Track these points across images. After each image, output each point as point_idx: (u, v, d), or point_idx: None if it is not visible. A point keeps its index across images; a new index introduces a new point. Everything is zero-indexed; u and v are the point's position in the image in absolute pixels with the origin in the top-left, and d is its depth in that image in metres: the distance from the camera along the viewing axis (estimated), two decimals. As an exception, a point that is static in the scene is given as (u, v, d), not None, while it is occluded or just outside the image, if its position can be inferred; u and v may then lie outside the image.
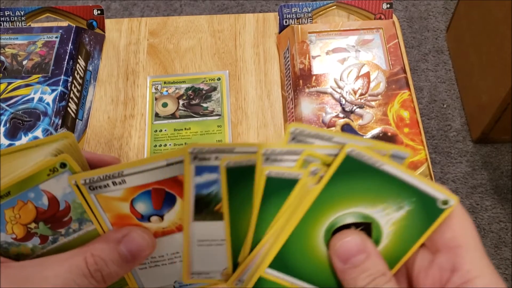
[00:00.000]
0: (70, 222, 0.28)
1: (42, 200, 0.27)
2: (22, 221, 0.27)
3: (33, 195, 0.26)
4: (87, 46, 0.59)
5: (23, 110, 0.52)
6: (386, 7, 0.59)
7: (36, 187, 0.26)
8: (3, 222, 0.27)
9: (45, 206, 0.27)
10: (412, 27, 1.54)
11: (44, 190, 0.26)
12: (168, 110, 0.57)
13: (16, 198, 0.26)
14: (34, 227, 0.27)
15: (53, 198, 0.27)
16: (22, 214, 0.27)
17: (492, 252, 1.20)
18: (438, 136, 1.36)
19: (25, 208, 0.27)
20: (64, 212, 0.27)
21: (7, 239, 0.27)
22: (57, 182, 0.26)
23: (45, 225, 0.27)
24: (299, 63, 0.55)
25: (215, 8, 1.58)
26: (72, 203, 0.27)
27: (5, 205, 0.26)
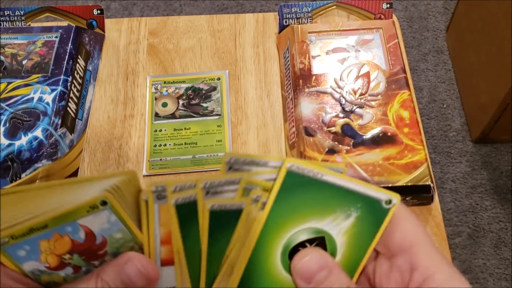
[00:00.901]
0: (105, 255, 0.28)
1: (79, 234, 0.27)
2: (57, 252, 0.27)
3: (70, 229, 0.27)
4: (87, 45, 0.59)
5: (22, 109, 0.52)
6: (386, 7, 0.59)
7: (74, 222, 0.26)
8: (37, 252, 0.27)
9: (82, 239, 0.27)
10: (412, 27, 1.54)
11: (82, 225, 0.27)
12: (168, 110, 0.57)
13: (53, 231, 0.26)
14: (69, 258, 0.27)
15: (90, 232, 0.27)
16: (57, 245, 0.27)
17: (492, 252, 1.20)
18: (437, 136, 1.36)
19: (61, 240, 0.27)
20: (100, 246, 0.28)
21: (39, 267, 0.27)
22: (95, 218, 0.27)
23: (80, 256, 0.27)
24: (299, 63, 0.55)
25: (215, 8, 1.58)
26: (108, 238, 0.27)
27: (41, 237, 0.26)
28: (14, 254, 0.26)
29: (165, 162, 0.53)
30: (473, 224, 1.24)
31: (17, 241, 0.26)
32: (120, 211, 0.27)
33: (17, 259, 0.27)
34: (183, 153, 0.54)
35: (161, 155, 0.54)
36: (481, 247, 1.21)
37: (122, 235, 0.27)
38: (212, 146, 0.54)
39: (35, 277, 0.27)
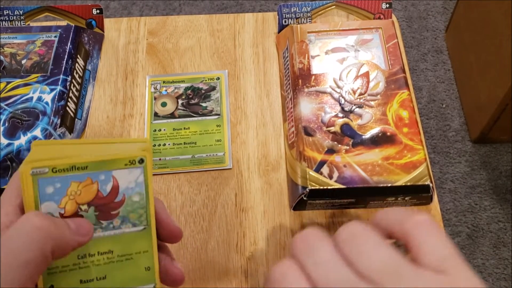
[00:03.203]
0: (115, 216, 0.29)
1: (107, 185, 0.28)
2: (80, 200, 0.28)
3: (103, 178, 0.28)
4: (86, 45, 0.59)
5: (22, 109, 0.52)
6: (386, 7, 0.59)
7: (110, 171, 0.28)
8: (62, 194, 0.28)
9: (106, 192, 0.28)
10: (412, 27, 1.54)
11: (114, 177, 0.28)
12: (167, 110, 0.57)
13: (88, 175, 0.27)
14: (85, 209, 0.28)
15: (116, 187, 0.28)
16: (83, 192, 0.28)
17: (491, 252, 1.20)
18: (437, 136, 1.36)
19: (89, 187, 0.28)
20: (117, 205, 0.29)
21: (54, 212, 0.28)
22: (128, 174, 0.28)
23: (95, 211, 0.28)
24: (298, 63, 0.55)
25: (214, 8, 1.58)
26: (128, 199, 0.29)
27: (76, 178, 0.27)
28: (42, 189, 0.27)
29: (164, 162, 0.53)
30: (472, 224, 1.24)
31: (54, 175, 0.27)
32: (149, 173, 0.29)
33: (42, 194, 0.27)
34: (182, 152, 0.54)
35: (160, 154, 0.54)
36: (480, 247, 1.21)
37: (139, 199, 0.29)
38: (212, 145, 0.54)
39: None
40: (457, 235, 1.22)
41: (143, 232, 0.30)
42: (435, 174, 1.30)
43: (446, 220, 1.24)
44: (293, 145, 0.51)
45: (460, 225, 1.24)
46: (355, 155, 0.48)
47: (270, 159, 0.54)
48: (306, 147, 0.49)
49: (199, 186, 0.52)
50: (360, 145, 0.49)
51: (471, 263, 1.19)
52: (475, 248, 1.21)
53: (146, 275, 0.31)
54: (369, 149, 0.49)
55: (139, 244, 0.30)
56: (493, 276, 1.17)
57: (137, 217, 0.29)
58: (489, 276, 1.17)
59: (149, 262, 0.31)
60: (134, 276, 0.30)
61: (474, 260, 1.19)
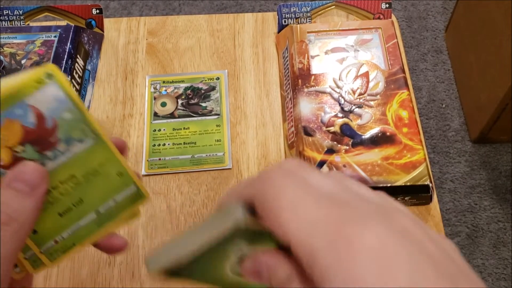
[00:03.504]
0: (57, 143, 0.26)
1: (29, 117, 0.25)
2: (9, 143, 0.25)
3: (20, 112, 0.25)
4: (85, 45, 0.59)
5: (21, 109, 0.52)
6: (385, 7, 0.59)
7: (23, 101, 0.25)
8: None
9: (33, 124, 0.25)
10: (411, 27, 1.54)
11: (30, 106, 0.25)
12: (167, 110, 0.57)
13: (2, 117, 0.25)
14: (22, 150, 0.26)
15: (40, 114, 0.25)
16: (9, 134, 0.25)
17: (491, 252, 1.20)
18: (436, 136, 1.36)
19: (12, 127, 0.25)
20: (51, 131, 0.26)
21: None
22: (43, 95, 0.25)
23: (33, 147, 0.26)
24: (298, 63, 0.55)
25: (214, 8, 1.58)
26: (59, 120, 0.26)
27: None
28: None
29: (164, 162, 0.53)
30: (472, 224, 1.24)
31: None
32: (65, 84, 0.26)
33: None
34: (182, 152, 0.54)
35: (160, 154, 0.54)
36: (480, 247, 1.21)
37: (72, 115, 0.26)
38: (211, 145, 0.54)
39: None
40: (456, 235, 1.22)
41: (95, 144, 0.28)
42: (434, 174, 1.30)
43: (445, 220, 1.24)
44: (293, 145, 0.51)
45: (459, 225, 1.24)
46: (355, 155, 0.48)
47: (269, 159, 0.54)
48: (305, 147, 0.49)
49: (199, 186, 0.52)
50: (360, 145, 0.49)
51: (471, 263, 1.19)
52: (475, 248, 1.21)
53: (122, 180, 0.29)
54: (369, 149, 0.49)
55: (98, 156, 0.28)
56: (493, 276, 1.17)
57: (80, 132, 0.27)
58: (489, 276, 1.17)
59: (117, 167, 0.29)
60: (110, 187, 0.29)
61: (474, 260, 1.19)
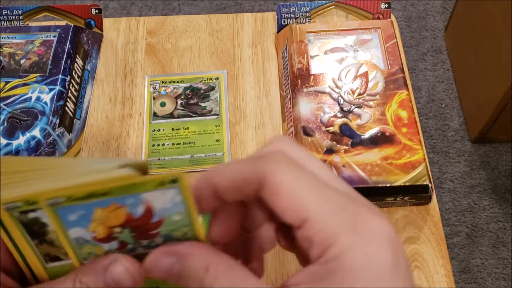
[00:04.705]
0: (156, 236, 0.26)
1: (138, 208, 0.25)
2: (109, 224, 0.25)
3: (131, 202, 0.25)
4: (85, 45, 0.59)
5: (20, 109, 0.52)
6: (385, 7, 0.59)
7: (137, 195, 0.25)
8: (88, 219, 0.25)
9: (138, 215, 0.25)
10: (411, 27, 1.54)
11: (144, 200, 0.25)
12: (166, 110, 0.57)
13: (112, 200, 0.25)
14: (118, 232, 0.26)
15: (149, 209, 0.25)
16: (112, 216, 0.25)
17: (490, 251, 1.20)
18: (436, 135, 1.36)
19: (117, 211, 0.25)
20: (155, 225, 0.26)
21: (86, 236, 0.26)
22: (160, 196, 0.25)
23: (130, 232, 0.26)
24: (297, 63, 0.55)
25: (213, 8, 1.58)
26: (166, 219, 0.26)
27: (98, 204, 0.24)
28: (64, 217, 0.25)
29: (163, 162, 0.53)
30: (471, 224, 1.24)
31: (72, 204, 0.24)
32: (188, 192, 0.25)
33: (66, 223, 0.25)
34: (181, 152, 0.54)
35: (159, 154, 0.54)
36: (479, 247, 1.21)
37: (181, 219, 0.26)
38: (211, 145, 0.54)
39: (77, 246, 0.26)
40: (456, 235, 1.22)
41: None
42: (434, 173, 1.30)
43: (445, 219, 1.24)
44: (292, 145, 0.51)
45: (459, 225, 1.24)
46: (354, 155, 0.48)
47: (269, 159, 0.54)
48: (305, 147, 0.49)
49: (198, 186, 0.52)
50: (359, 145, 0.49)
51: (470, 263, 1.19)
52: (474, 247, 1.21)
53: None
54: (368, 149, 0.49)
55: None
56: (492, 276, 1.17)
57: (181, 234, 0.27)
58: (488, 276, 1.17)
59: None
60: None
61: (473, 260, 1.19)
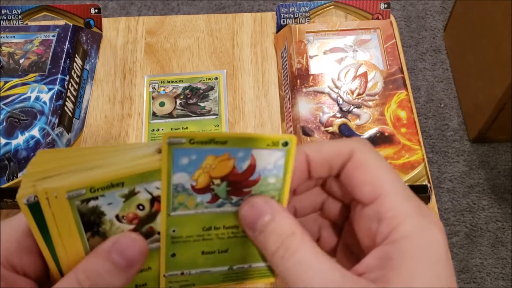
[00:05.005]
0: (247, 194, 0.27)
1: (244, 162, 0.26)
2: (213, 173, 0.26)
3: (241, 155, 0.26)
4: (84, 45, 0.59)
5: (19, 109, 0.52)
6: (384, 7, 0.59)
7: (249, 149, 0.26)
8: (196, 166, 0.26)
9: (242, 169, 0.26)
10: (410, 26, 1.54)
11: (252, 155, 0.26)
12: (165, 110, 0.57)
13: (226, 150, 0.26)
14: (217, 184, 0.27)
15: (253, 166, 0.26)
16: (219, 166, 0.26)
17: (489, 251, 1.20)
18: (435, 135, 1.36)
19: (226, 162, 0.26)
20: (251, 183, 0.27)
21: (186, 184, 0.26)
22: (269, 155, 0.26)
23: (227, 186, 0.27)
24: (296, 63, 0.55)
25: (213, 8, 1.58)
26: (262, 179, 0.27)
27: (212, 151, 0.26)
28: (177, 159, 0.25)
29: (163, 162, 0.53)
30: (470, 224, 1.24)
31: (191, 146, 0.25)
32: (292, 158, 0.26)
33: (175, 166, 0.26)
34: (181, 152, 0.54)
35: (159, 154, 0.54)
36: (478, 247, 1.21)
37: (274, 181, 0.27)
38: (210, 145, 0.54)
39: (174, 194, 0.27)
40: (455, 235, 1.23)
41: None
42: (433, 173, 1.30)
43: (444, 219, 1.24)
44: (291, 145, 0.51)
45: (458, 225, 1.24)
46: (353, 155, 0.48)
47: (268, 159, 0.54)
48: (304, 147, 0.49)
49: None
50: (358, 145, 0.49)
51: (469, 263, 1.19)
52: (474, 247, 1.21)
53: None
54: (367, 149, 0.49)
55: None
56: (492, 276, 1.17)
57: (271, 197, 0.28)
58: (488, 276, 1.17)
59: None
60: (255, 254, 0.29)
61: (473, 260, 1.19)
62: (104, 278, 0.25)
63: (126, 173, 0.25)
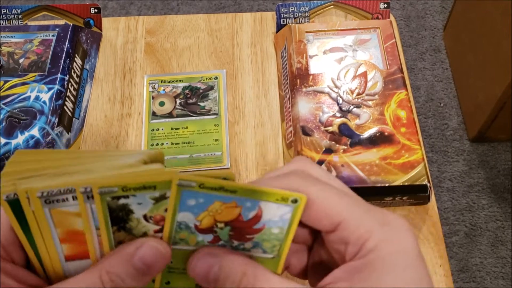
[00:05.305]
0: (249, 240, 0.28)
1: (250, 212, 0.27)
2: (219, 218, 0.27)
3: (248, 205, 0.26)
4: (84, 44, 0.59)
5: (19, 108, 0.52)
6: (384, 7, 0.59)
7: (257, 201, 0.26)
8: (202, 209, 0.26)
9: (247, 218, 0.27)
10: (410, 26, 1.54)
11: (259, 208, 0.27)
12: (165, 109, 0.57)
13: (235, 198, 0.26)
14: (220, 227, 0.27)
15: (259, 216, 0.27)
16: (225, 212, 0.27)
17: (489, 250, 1.20)
18: (435, 135, 1.36)
19: (232, 210, 0.26)
20: (254, 231, 0.27)
21: (189, 223, 0.27)
22: (277, 209, 0.27)
23: (229, 231, 0.27)
24: (296, 63, 0.55)
25: (212, 7, 1.58)
26: (266, 229, 0.27)
27: (220, 198, 0.26)
28: (184, 200, 0.26)
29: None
30: (470, 223, 1.24)
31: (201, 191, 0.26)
32: (299, 214, 0.27)
33: (182, 205, 0.26)
34: (180, 152, 0.54)
35: (158, 154, 0.54)
36: (478, 246, 1.21)
37: (278, 232, 0.28)
38: (210, 145, 0.54)
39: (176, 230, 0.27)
40: (455, 234, 1.23)
41: (270, 259, 0.29)
42: (433, 173, 1.30)
43: (444, 219, 1.24)
44: (291, 144, 0.51)
45: (458, 224, 1.24)
46: (353, 155, 0.48)
47: (268, 158, 0.54)
48: (304, 146, 0.49)
49: (197, 185, 0.52)
50: (358, 145, 0.49)
51: (469, 262, 1.19)
52: (473, 247, 1.21)
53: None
54: (367, 149, 0.49)
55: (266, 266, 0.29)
56: (491, 275, 1.17)
57: (270, 246, 0.28)
58: (487, 275, 1.17)
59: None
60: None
61: (472, 259, 1.19)
62: (125, 281, 0.26)
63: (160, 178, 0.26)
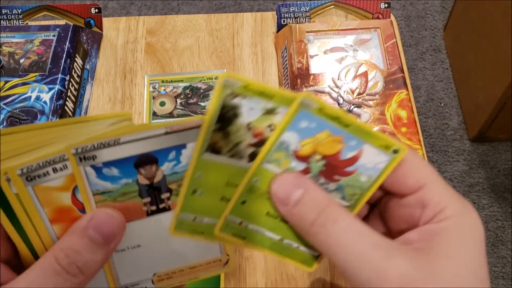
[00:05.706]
0: (335, 181, 0.27)
1: (350, 152, 0.27)
2: (319, 149, 0.26)
3: (352, 144, 0.26)
4: (84, 44, 0.59)
5: (20, 108, 0.52)
6: (384, 6, 0.59)
7: (363, 142, 0.26)
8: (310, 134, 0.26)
9: (345, 157, 0.27)
10: (410, 26, 1.54)
11: (362, 148, 0.27)
12: (166, 109, 0.57)
13: (343, 132, 0.26)
14: (316, 160, 0.27)
15: (356, 158, 0.27)
16: (327, 144, 0.26)
17: (489, 250, 1.20)
18: (435, 134, 1.36)
19: (336, 144, 0.26)
20: (345, 173, 0.27)
21: (290, 145, 0.26)
22: (375, 155, 0.27)
23: (322, 166, 0.27)
24: (297, 63, 0.55)
25: (213, 7, 1.58)
26: (356, 174, 0.27)
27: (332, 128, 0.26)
28: (298, 119, 0.26)
29: (163, 161, 0.53)
30: (471, 223, 1.24)
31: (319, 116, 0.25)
32: (394, 165, 0.27)
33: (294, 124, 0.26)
34: (181, 152, 0.54)
35: (159, 154, 0.54)
36: (478, 246, 1.21)
37: (364, 181, 0.27)
38: (210, 145, 0.54)
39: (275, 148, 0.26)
40: (455, 234, 1.23)
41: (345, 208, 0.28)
42: (433, 173, 1.30)
43: (444, 219, 1.24)
44: (292, 144, 0.51)
45: (458, 224, 1.24)
46: (354, 154, 0.48)
47: (268, 158, 0.54)
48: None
49: (198, 185, 0.52)
50: (359, 145, 0.49)
51: (469, 262, 1.19)
52: (473, 246, 1.21)
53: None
54: (368, 149, 0.49)
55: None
56: (492, 275, 1.17)
57: (351, 193, 0.28)
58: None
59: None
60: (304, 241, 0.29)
61: (472, 259, 1.19)
62: (83, 255, 0.25)
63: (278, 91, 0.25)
